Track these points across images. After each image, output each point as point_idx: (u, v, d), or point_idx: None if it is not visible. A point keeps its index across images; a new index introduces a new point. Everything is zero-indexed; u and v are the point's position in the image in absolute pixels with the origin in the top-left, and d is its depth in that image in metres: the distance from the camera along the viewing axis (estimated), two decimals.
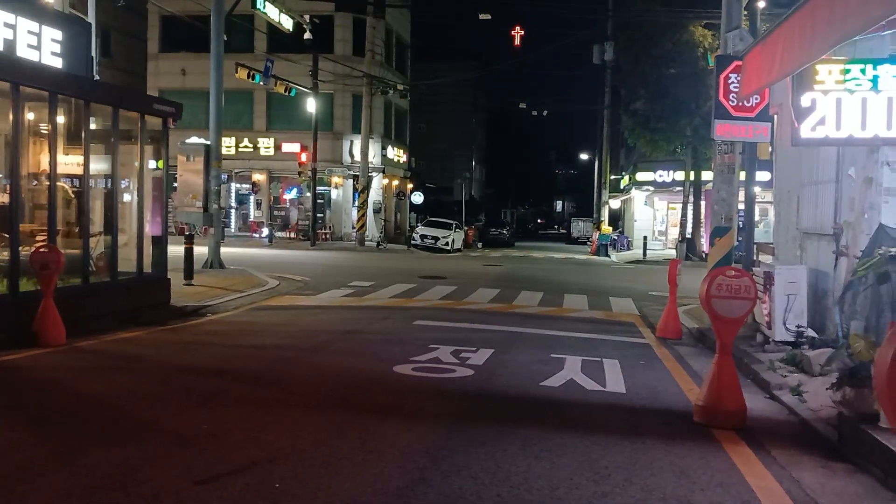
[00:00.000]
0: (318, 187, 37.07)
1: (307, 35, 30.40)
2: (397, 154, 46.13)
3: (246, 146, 39.55)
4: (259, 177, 40.44)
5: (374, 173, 38.67)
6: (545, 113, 60.52)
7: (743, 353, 9.14)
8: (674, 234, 39.40)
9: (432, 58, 58.24)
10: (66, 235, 10.68)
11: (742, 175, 12.65)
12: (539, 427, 6.11)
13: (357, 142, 38.28)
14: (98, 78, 14.16)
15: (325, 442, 5.50)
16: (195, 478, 4.64)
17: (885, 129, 7.34)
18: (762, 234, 24.17)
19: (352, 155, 39.64)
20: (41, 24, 10.90)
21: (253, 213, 41.69)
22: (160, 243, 12.03)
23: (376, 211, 39.67)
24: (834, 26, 5.04)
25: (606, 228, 41.73)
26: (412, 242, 37.07)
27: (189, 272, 15.46)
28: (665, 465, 5.28)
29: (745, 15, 12.76)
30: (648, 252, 35.66)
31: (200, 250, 17.44)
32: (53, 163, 9.70)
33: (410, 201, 46.78)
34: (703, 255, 29.29)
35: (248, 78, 27.35)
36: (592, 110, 56.36)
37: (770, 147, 12.29)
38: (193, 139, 20.30)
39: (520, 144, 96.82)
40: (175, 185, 18.18)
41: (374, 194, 39.38)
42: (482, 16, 35.98)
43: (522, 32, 32.26)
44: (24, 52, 10.58)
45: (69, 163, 10.80)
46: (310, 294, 15.43)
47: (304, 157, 36.84)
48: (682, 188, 35.61)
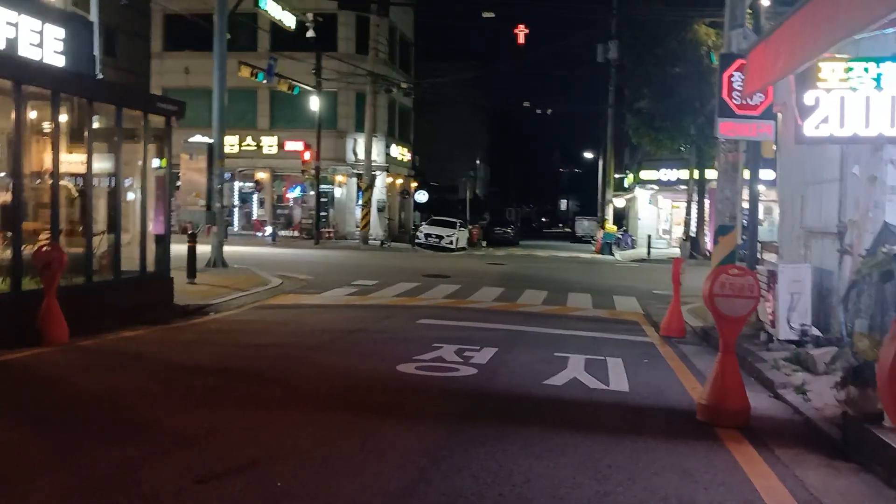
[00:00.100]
0: (321, 186, 37.10)
1: (310, 33, 30.39)
2: (401, 152, 46.12)
3: (249, 145, 39.58)
4: (262, 175, 40.45)
5: (377, 172, 38.67)
6: (549, 112, 60.52)
7: (747, 351, 9.11)
8: (678, 232, 39.36)
9: (436, 57, 58.10)
10: (69, 234, 10.68)
11: (746, 173, 12.62)
12: (541, 426, 6.10)
13: (361, 140, 38.27)
14: (101, 76, 14.15)
15: (326, 441, 5.49)
16: (196, 477, 4.64)
17: (889, 128, 7.30)
18: (767, 232, 24.06)
19: (355, 153, 39.64)
20: (44, 23, 10.90)
21: (256, 212, 41.73)
22: (163, 242, 12.03)
23: (380, 209, 39.67)
24: (836, 24, 5.01)
25: (611, 227, 41.68)
26: (416, 241, 37.05)
27: (192, 271, 15.48)
28: (668, 464, 5.26)
29: (749, 13, 12.70)
30: (652, 251, 35.66)
31: (203, 249, 17.45)
32: (56, 161, 9.70)
33: (414, 200, 46.73)
34: (707, 253, 29.20)
35: (252, 76, 27.37)
36: (596, 109, 56.29)
37: (774, 145, 12.25)
38: (197, 138, 20.31)
39: (524, 143, 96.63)
40: (178, 183, 18.16)
41: (378, 193, 39.37)
42: (485, 14, 35.99)
43: (526, 31, 32.24)
44: (27, 51, 10.58)
45: (72, 161, 10.80)
46: (313, 293, 15.43)
47: (307, 155, 36.84)
48: (686, 187, 35.58)
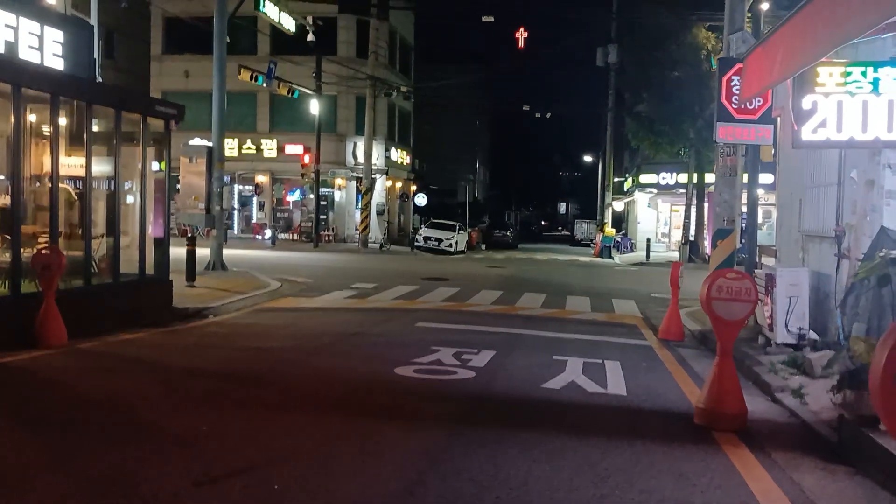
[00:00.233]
0: (321, 189, 37.09)
1: (310, 37, 30.46)
2: (401, 156, 46.14)
3: (249, 148, 39.61)
4: (262, 178, 40.45)
5: (377, 175, 38.67)
6: (549, 115, 60.54)
7: (744, 355, 9.12)
8: (677, 236, 39.37)
9: (436, 60, 58.21)
10: (68, 237, 10.70)
11: (745, 177, 12.65)
12: (539, 429, 6.11)
13: (360, 144, 38.27)
14: (100, 80, 14.18)
15: (325, 444, 5.50)
16: (194, 479, 4.65)
17: (886, 132, 7.32)
18: (765, 236, 24.11)
19: (355, 157, 39.66)
20: (43, 26, 10.90)
21: (256, 215, 41.72)
22: (162, 245, 12.03)
23: (379, 213, 39.68)
24: (833, 29, 5.03)
25: (610, 230, 41.70)
26: (415, 244, 37.07)
27: (191, 274, 15.48)
28: (665, 467, 5.27)
29: (749, 17, 12.74)
30: (651, 254, 35.67)
31: (203, 252, 17.46)
32: (55, 164, 9.71)
33: (414, 203, 46.78)
34: (706, 257, 29.20)
35: (251, 80, 27.37)
36: (596, 113, 56.36)
37: (773, 149, 12.28)
38: (196, 141, 20.28)
39: (523, 146, 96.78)
40: (177, 186, 18.15)
41: (378, 196, 39.38)
42: (485, 18, 36.02)
43: (526, 34, 32.29)
44: (26, 54, 10.58)
45: (71, 164, 10.81)
46: (312, 296, 15.44)
47: (307, 158, 36.85)
48: (685, 190, 35.60)
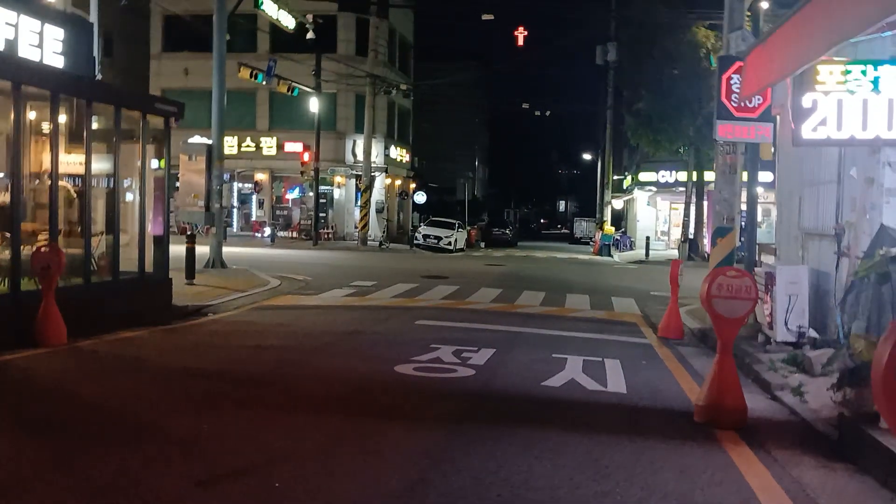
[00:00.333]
0: (320, 187, 37.09)
1: (310, 35, 30.44)
2: (400, 154, 46.14)
3: (248, 146, 39.60)
4: (261, 176, 40.48)
5: (376, 173, 38.66)
6: (548, 113, 60.56)
7: (744, 353, 9.13)
8: (676, 234, 39.37)
9: (435, 58, 58.16)
10: (68, 235, 10.68)
11: (744, 175, 12.65)
12: (540, 427, 6.12)
13: (360, 141, 38.28)
14: (100, 77, 14.17)
15: (325, 443, 5.51)
16: (195, 479, 4.65)
17: (886, 130, 7.33)
18: (765, 234, 24.13)
19: (354, 155, 39.66)
20: (43, 24, 10.91)
21: (255, 213, 41.75)
22: (162, 243, 12.02)
23: (379, 211, 39.68)
24: (833, 27, 5.03)
25: (609, 228, 41.71)
26: (415, 242, 37.07)
27: (191, 272, 15.48)
28: (666, 464, 5.28)
29: (749, 16, 12.73)
30: (651, 252, 35.68)
31: (202, 250, 17.45)
32: (55, 162, 9.69)
33: (413, 201, 46.78)
34: (706, 255, 29.24)
35: (251, 78, 27.38)
36: (595, 110, 56.38)
37: (772, 147, 12.28)
38: (196, 139, 20.32)
39: (523, 144, 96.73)
40: (177, 184, 18.15)
41: (377, 194, 39.38)
42: (485, 16, 36.01)
43: (525, 32, 32.28)
44: (26, 52, 10.59)
45: (71, 162, 10.80)
46: (312, 294, 15.44)
47: (306, 156, 36.86)
48: (684, 188, 35.59)
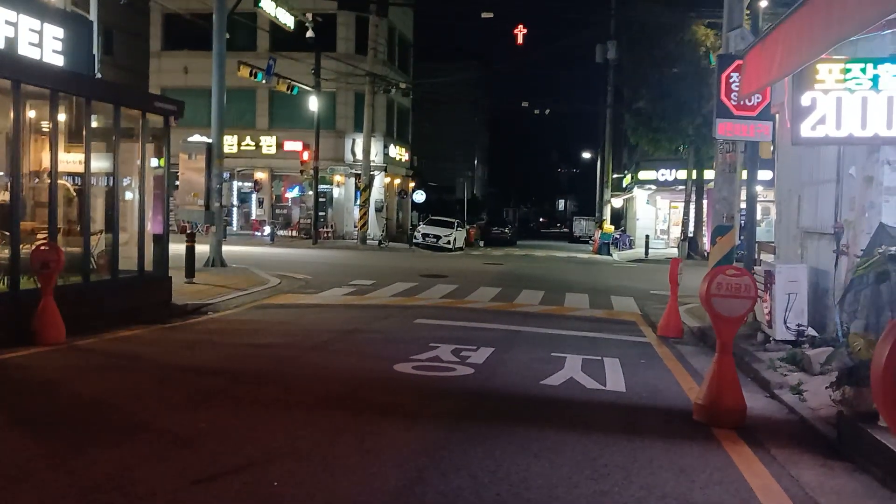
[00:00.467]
0: (320, 186, 37.08)
1: (310, 33, 30.41)
2: (399, 153, 46.14)
3: (248, 144, 39.59)
4: (261, 175, 40.47)
5: (376, 172, 38.66)
6: (547, 112, 60.46)
7: (743, 351, 9.13)
8: (676, 232, 39.39)
9: (435, 57, 58.18)
10: (67, 233, 10.69)
11: (744, 174, 12.64)
12: (539, 426, 6.11)
13: (359, 140, 38.27)
14: (100, 76, 14.16)
15: (324, 441, 5.50)
16: (192, 477, 4.64)
17: (886, 129, 7.31)
18: (764, 232, 24.13)
19: (354, 153, 39.65)
20: (43, 22, 10.92)
21: (255, 212, 41.75)
22: (161, 241, 12.02)
23: (378, 209, 39.68)
24: (832, 26, 5.03)
25: (608, 227, 41.75)
26: (414, 241, 37.08)
27: (190, 270, 15.48)
28: (664, 463, 5.28)
29: (748, 14, 12.74)
30: (650, 251, 35.69)
31: (202, 248, 17.46)
32: (54, 161, 9.69)
33: (412, 200, 46.77)
34: (705, 253, 29.26)
35: (251, 76, 27.34)
36: (595, 109, 56.38)
37: (772, 146, 12.28)
38: (195, 137, 20.29)
39: (522, 143, 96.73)
40: (177, 183, 18.17)
41: (376, 193, 39.38)
42: (484, 14, 35.99)
43: (525, 31, 32.25)
44: (26, 50, 10.60)
45: (70, 161, 10.81)
46: (311, 292, 15.44)
47: (306, 155, 36.86)
48: (684, 187, 35.61)
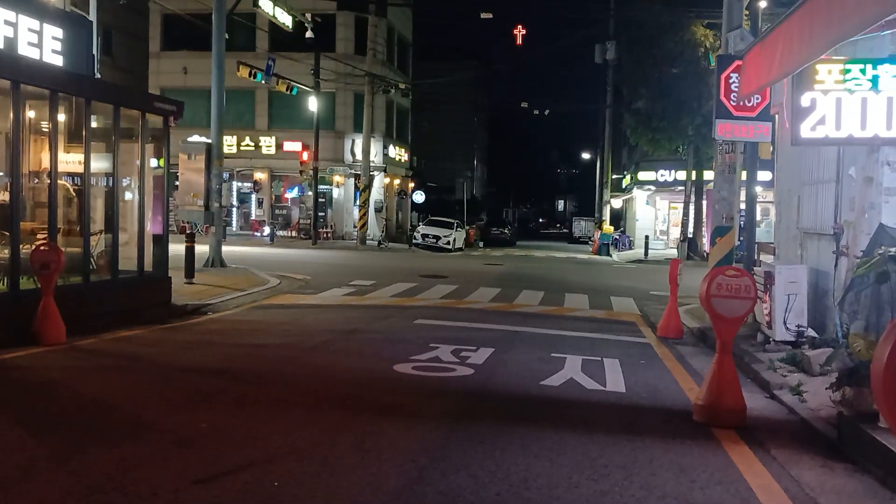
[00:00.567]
0: (319, 186, 37.08)
1: (309, 34, 30.41)
2: (399, 153, 46.14)
3: (247, 145, 39.58)
4: (260, 175, 40.47)
5: (375, 172, 38.65)
6: (547, 112, 60.45)
7: (743, 352, 9.14)
8: (675, 233, 39.38)
9: (434, 57, 58.20)
10: (67, 234, 10.69)
11: (743, 174, 12.66)
12: (539, 426, 6.11)
13: (359, 141, 38.28)
14: (99, 76, 14.16)
15: (324, 441, 5.50)
16: (193, 477, 4.65)
17: (885, 129, 7.32)
18: (764, 233, 24.13)
19: (353, 154, 39.66)
20: (42, 22, 10.92)
21: (254, 212, 41.73)
22: (161, 242, 12.03)
23: (378, 210, 39.67)
24: (832, 26, 5.03)
25: (608, 228, 41.73)
26: (413, 241, 37.08)
27: (190, 271, 15.48)
28: (664, 463, 5.28)
29: (747, 15, 12.74)
30: (650, 251, 35.67)
31: (202, 249, 17.46)
32: (54, 161, 9.70)
33: (412, 200, 46.78)
34: (705, 254, 29.26)
35: (250, 77, 27.37)
36: (594, 109, 56.36)
37: (771, 147, 12.29)
38: (195, 138, 20.31)
39: (521, 144, 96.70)
40: (176, 183, 18.19)
41: (376, 193, 39.38)
42: (483, 15, 35.98)
43: (524, 31, 32.27)
44: (25, 50, 10.59)
45: (70, 161, 10.82)
46: (311, 293, 15.44)
47: (305, 155, 36.86)
48: (683, 188, 35.60)
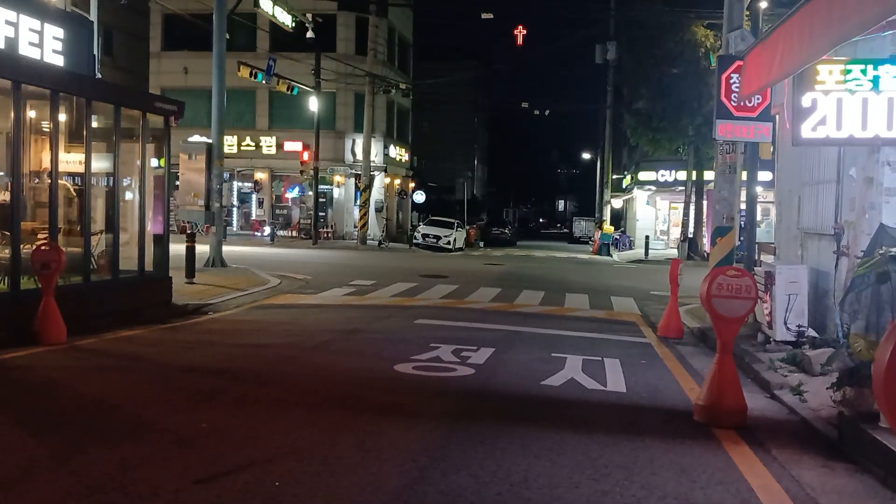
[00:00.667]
0: (320, 186, 37.09)
1: (309, 34, 30.44)
2: (399, 153, 46.14)
3: (248, 145, 39.59)
4: (261, 175, 40.48)
5: (376, 172, 38.66)
6: (547, 112, 60.45)
7: (744, 352, 9.14)
8: (676, 233, 39.36)
9: (434, 57, 58.19)
10: (68, 234, 10.69)
11: (744, 175, 12.66)
12: (539, 426, 6.12)
13: (359, 141, 38.29)
14: (100, 76, 14.16)
15: (325, 441, 5.50)
16: (194, 477, 4.65)
17: (886, 130, 7.33)
18: (764, 233, 24.14)
19: (354, 154, 39.66)
20: (43, 22, 10.93)
21: (255, 212, 41.75)
22: (162, 242, 12.04)
23: (378, 210, 39.67)
24: (833, 27, 5.03)
25: (608, 228, 41.73)
26: (414, 241, 37.08)
27: (191, 270, 15.49)
28: (665, 463, 5.28)
29: (748, 15, 12.75)
30: (650, 251, 35.67)
31: (202, 249, 17.46)
32: (55, 161, 9.71)
33: (412, 200, 46.76)
34: (705, 254, 29.26)
35: (251, 77, 27.36)
36: (595, 109, 56.37)
37: (772, 147, 12.29)
38: (195, 138, 20.29)
39: (522, 144, 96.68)
40: (177, 183, 18.21)
41: (376, 193, 39.38)
42: (484, 15, 35.98)
43: (525, 31, 32.28)
44: (26, 50, 10.60)
45: (71, 161, 10.82)
46: (311, 293, 15.44)
47: (306, 155, 36.88)
48: (684, 188, 35.59)
